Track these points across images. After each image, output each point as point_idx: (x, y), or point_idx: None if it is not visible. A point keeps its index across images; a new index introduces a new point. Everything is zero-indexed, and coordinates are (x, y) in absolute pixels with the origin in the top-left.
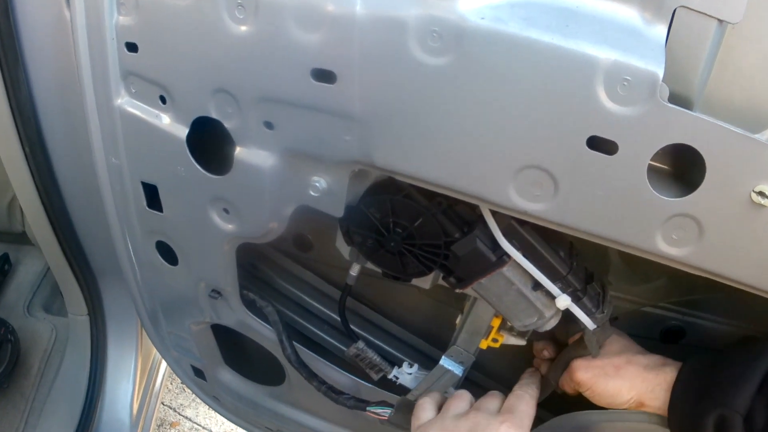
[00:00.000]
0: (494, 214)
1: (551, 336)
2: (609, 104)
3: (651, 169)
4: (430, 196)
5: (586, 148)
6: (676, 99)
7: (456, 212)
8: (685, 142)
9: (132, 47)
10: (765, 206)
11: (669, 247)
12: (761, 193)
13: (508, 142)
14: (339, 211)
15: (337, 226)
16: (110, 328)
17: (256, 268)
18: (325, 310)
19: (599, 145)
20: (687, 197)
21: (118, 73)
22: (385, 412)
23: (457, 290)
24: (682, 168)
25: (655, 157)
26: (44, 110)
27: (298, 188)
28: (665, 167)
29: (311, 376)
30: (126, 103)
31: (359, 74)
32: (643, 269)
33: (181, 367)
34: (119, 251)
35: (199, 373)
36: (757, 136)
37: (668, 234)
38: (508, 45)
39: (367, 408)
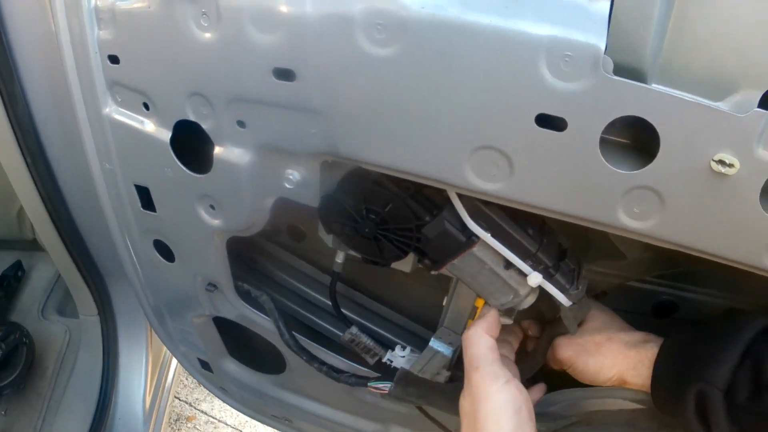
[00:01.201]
0: (461, 196)
1: (538, 314)
2: (553, 81)
3: (608, 143)
4: (399, 182)
5: (536, 126)
6: (626, 71)
7: (424, 196)
8: (635, 113)
9: (114, 59)
10: (726, 174)
11: (631, 220)
12: (721, 162)
13: (460, 124)
14: (315, 201)
15: None
16: (120, 327)
17: (255, 261)
18: (320, 297)
19: (548, 122)
20: (643, 169)
21: (104, 83)
22: (386, 386)
23: (433, 272)
24: (639, 140)
25: (611, 130)
26: (42, 121)
27: (274, 181)
28: (623, 140)
29: (311, 358)
30: (113, 111)
31: (316, 70)
32: (627, 242)
33: (188, 360)
34: (121, 252)
35: (205, 365)
36: (717, 104)
37: (629, 207)
38: (449, 30)
39: (369, 384)
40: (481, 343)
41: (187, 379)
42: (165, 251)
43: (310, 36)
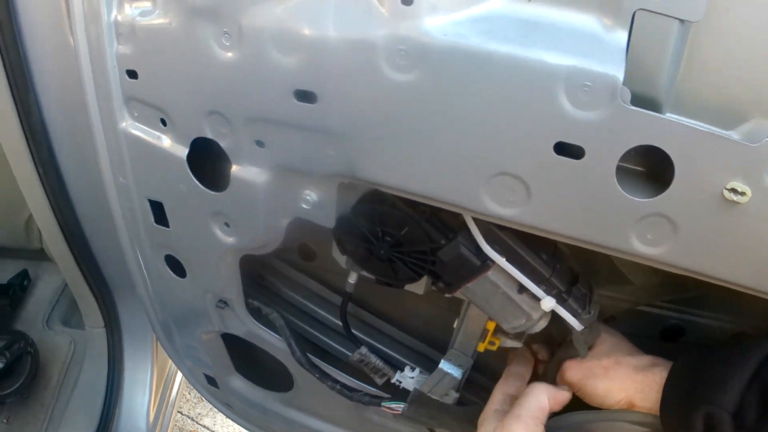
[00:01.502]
0: (476, 220)
1: (548, 337)
2: (572, 110)
3: (622, 170)
4: (415, 205)
5: (554, 153)
6: (642, 101)
7: (440, 219)
8: (651, 143)
9: (132, 74)
10: (738, 203)
11: (644, 246)
12: (733, 190)
13: (478, 151)
14: (330, 222)
15: None
16: (126, 340)
17: (264, 278)
18: (329, 317)
19: (566, 150)
20: (658, 197)
21: (121, 98)
22: (399, 406)
23: (446, 295)
24: (654, 167)
25: (626, 158)
26: (55, 133)
27: (291, 202)
28: (637, 168)
29: (324, 376)
30: (130, 126)
31: (337, 93)
32: (634, 268)
33: (194, 375)
34: (131, 266)
35: (211, 381)
36: (729, 133)
37: (642, 234)
38: (470, 58)
39: (382, 403)
40: (540, 398)
41: (189, 393)
42: (176, 267)
43: (332, 59)
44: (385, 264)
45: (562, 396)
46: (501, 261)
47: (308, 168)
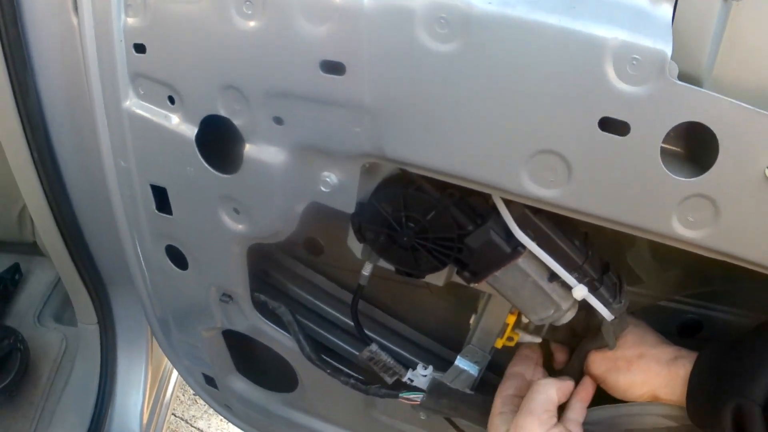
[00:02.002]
0: (507, 204)
1: (568, 332)
2: (619, 84)
3: (664, 152)
4: (442, 188)
5: (599, 129)
6: (684, 78)
7: (469, 204)
8: (697, 120)
9: (140, 48)
10: None
11: (685, 229)
12: None
13: (520, 126)
14: (350, 207)
15: (347, 228)
16: (120, 338)
17: (268, 275)
18: (337, 314)
19: (611, 126)
20: (701, 176)
21: (126, 75)
22: (417, 396)
23: (472, 284)
24: (694, 149)
25: (667, 139)
26: (53, 118)
27: (309, 184)
28: (677, 149)
29: (336, 371)
30: (134, 105)
31: (368, 64)
32: (659, 259)
33: (192, 375)
34: (129, 257)
35: (210, 381)
36: None
37: (684, 216)
38: (515, 28)
39: (400, 394)
40: (549, 393)
41: (184, 395)
42: (178, 258)
43: (365, 28)
44: (408, 252)
45: (568, 386)
46: (533, 247)
47: (331, 147)
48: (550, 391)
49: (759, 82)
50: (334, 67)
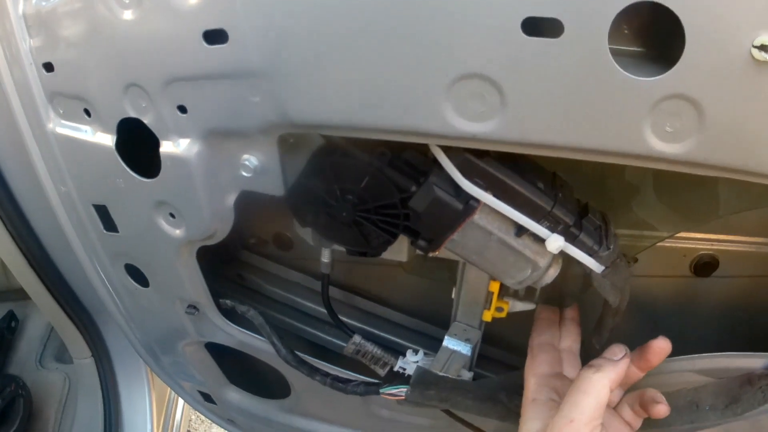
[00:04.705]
0: (449, 151)
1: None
2: None
3: (618, 53)
4: (373, 150)
5: (524, 35)
6: None
7: (406, 162)
8: None
9: (48, 67)
10: None
11: (665, 144)
12: (763, 47)
13: (430, 50)
14: (279, 189)
15: None
16: (117, 367)
17: (243, 278)
18: (318, 308)
19: (539, 28)
20: (669, 72)
21: (44, 96)
22: (401, 391)
23: (430, 254)
24: (656, 45)
25: (618, 38)
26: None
27: (230, 172)
28: (635, 48)
29: (313, 371)
30: (57, 125)
31: (247, 23)
32: (665, 201)
33: (190, 395)
34: (94, 282)
35: (207, 397)
36: None
37: (660, 126)
38: None
39: (380, 390)
40: (600, 393)
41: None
42: (138, 276)
43: None
44: (352, 229)
45: (622, 367)
46: (486, 197)
47: (237, 125)
48: (602, 391)
49: None
50: (216, 36)
